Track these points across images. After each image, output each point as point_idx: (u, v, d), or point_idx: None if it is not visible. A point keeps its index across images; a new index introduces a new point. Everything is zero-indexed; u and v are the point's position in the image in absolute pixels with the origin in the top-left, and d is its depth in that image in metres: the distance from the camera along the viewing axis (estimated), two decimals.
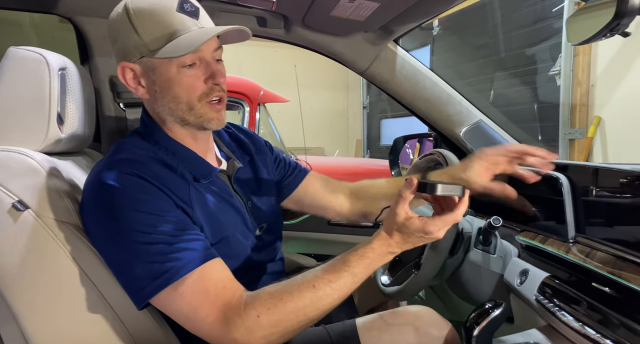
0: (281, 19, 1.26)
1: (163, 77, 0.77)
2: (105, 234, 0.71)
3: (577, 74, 3.53)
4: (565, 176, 0.96)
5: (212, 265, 0.70)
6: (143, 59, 0.77)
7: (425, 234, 0.68)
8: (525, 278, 0.91)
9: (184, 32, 0.74)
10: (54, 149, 0.84)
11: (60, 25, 1.36)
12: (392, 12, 1.14)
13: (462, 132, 1.49)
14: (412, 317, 0.89)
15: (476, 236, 1.05)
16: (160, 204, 0.71)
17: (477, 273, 1.03)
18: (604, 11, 0.69)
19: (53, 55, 0.82)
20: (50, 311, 0.73)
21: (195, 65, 0.77)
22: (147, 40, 0.74)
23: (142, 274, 0.67)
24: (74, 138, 0.88)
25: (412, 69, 1.42)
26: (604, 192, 0.89)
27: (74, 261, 0.73)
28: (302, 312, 0.67)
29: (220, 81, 0.80)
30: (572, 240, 0.91)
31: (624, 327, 0.66)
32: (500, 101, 4.22)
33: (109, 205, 0.70)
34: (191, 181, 0.80)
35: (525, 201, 0.97)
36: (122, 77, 0.79)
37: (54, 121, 0.80)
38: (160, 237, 0.68)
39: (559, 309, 0.78)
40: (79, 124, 0.88)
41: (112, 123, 1.23)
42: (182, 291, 0.67)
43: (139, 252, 0.67)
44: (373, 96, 6.81)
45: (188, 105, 0.78)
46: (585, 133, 3.53)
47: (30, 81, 0.78)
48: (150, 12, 0.74)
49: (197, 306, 0.66)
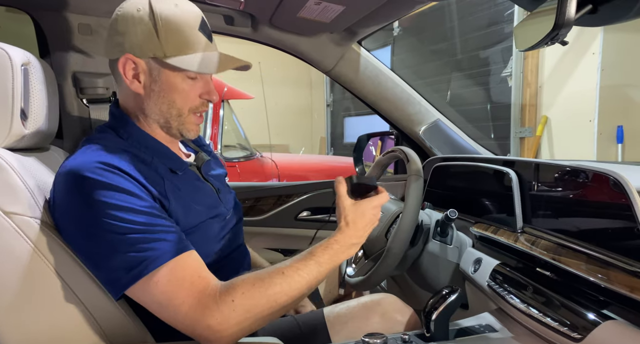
0: (248, 18, 1.27)
1: (167, 80, 0.81)
2: (79, 227, 0.71)
3: (526, 76, 3.74)
4: (514, 171, 1.04)
5: (187, 256, 0.72)
6: (153, 59, 0.80)
7: (374, 207, 0.80)
8: (478, 266, 0.97)
9: (200, 50, 0.81)
10: (18, 145, 0.82)
11: (8, 14, 1.31)
12: (357, 15, 1.18)
13: (422, 130, 1.57)
14: (377, 304, 0.94)
15: (434, 227, 1.11)
16: (135, 195, 0.72)
17: (435, 262, 1.09)
18: (545, 20, 0.76)
19: (15, 49, 0.80)
20: (20, 308, 0.72)
21: (197, 79, 0.83)
22: (166, 46, 0.79)
23: (118, 264, 0.68)
24: (37, 134, 0.86)
25: (375, 69, 1.47)
26: (548, 186, 0.97)
27: (43, 257, 0.72)
28: (272, 298, 0.70)
29: (214, 99, 0.87)
30: (520, 230, 0.97)
31: (564, 307, 0.73)
32: (457, 100, 4.39)
33: (82, 197, 0.70)
34: (165, 173, 0.81)
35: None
36: (122, 67, 0.81)
37: (17, 117, 0.78)
38: (136, 227, 0.69)
39: (508, 293, 0.84)
40: (42, 119, 0.86)
41: (75, 119, 1.20)
42: (157, 280, 0.68)
43: (114, 243, 0.68)
44: (337, 94, 6.87)
45: (178, 112, 0.83)
46: (534, 132, 3.75)
47: None
48: (176, 24, 0.79)
49: (172, 294, 0.68)
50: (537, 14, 0.82)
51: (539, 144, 3.71)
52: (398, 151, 1.13)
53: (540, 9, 0.80)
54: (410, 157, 1.05)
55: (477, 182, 1.23)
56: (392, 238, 0.99)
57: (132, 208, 0.70)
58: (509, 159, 1.12)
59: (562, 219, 0.92)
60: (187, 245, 0.73)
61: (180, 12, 0.80)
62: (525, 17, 0.88)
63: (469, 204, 1.21)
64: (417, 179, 1.00)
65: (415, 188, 0.99)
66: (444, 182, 1.38)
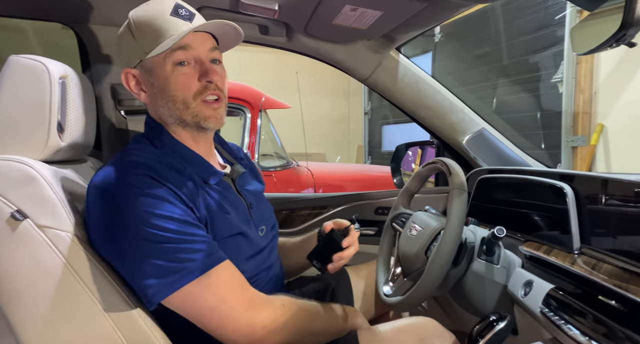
0: (283, 27, 1.26)
1: (160, 77, 0.80)
2: (114, 236, 0.71)
3: (579, 81, 3.53)
4: (569, 185, 0.95)
5: (227, 264, 0.74)
6: (142, 63, 0.80)
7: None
8: (529, 289, 0.90)
9: (175, 32, 0.77)
10: (54, 158, 0.83)
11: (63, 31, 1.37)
12: (395, 21, 1.14)
13: (465, 140, 1.49)
14: (415, 328, 0.88)
15: (479, 246, 1.03)
16: (171, 203, 0.71)
17: (480, 283, 1.02)
18: (609, 21, 0.69)
19: (54, 63, 0.82)
20: (47, 322, 0.72)
21: (189, 64, 0.79)
22: (142, 43, 0.78)
23: (156, 273, 0.68)
24: (74, 146, 0.87)
25: (414, 76, 1.41)
26: (610, 202, 0.88)
27: (72, 270, 0.72)
28: (305, 327, 0.76)
29: (214, 79, 0.81)
30: (577, 251, 0.89)
31: (631, 341, 0.65)
32: (503, 108, 4.22)
33: (119, 205, 0.70)
34: (199, 183, 0.81)
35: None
36: (126, 83, 0.83)
37: (54, 129, 0.79)
38: (173, 235, 0.68)
39: (565, 322, 0.77)
40: (79, 132, 0.88)
41: (113, 131, 1.23)
42: (210, 283, 0.70)
43: (151, 251, 0.68)
44: (374, 102, 6.81)
45: (184, 103, 0.80)
46: (588, 141, 3.52)
47: (30, 89, 0.77)
48: (146, 18, 0.78)
49: (226, 295, 0.71)
50: (599, 14, 0.75)
51: (593, 153, 3.47)
52: (439, 163, 1.06)
53: (602, 8, 0.73)
54: (453, 170, 0.99)
55: (528, 197, 1.14)
56: (433, 257, 0.93)
57: (169, 216, 0.69)
58: (565, 172, 1.03)
59: (627, 240, 0.83)
60: (222, 255, 0.74)
61: (149, 7, 0.79)
62: (583, 18, 0.80)
63: (518, 221, 1.12)
64: (460, 194, 0.93)
65: (459, 203, 0.93)
66: (490, 196, 1.30)
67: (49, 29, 2.71)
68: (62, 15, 1.14)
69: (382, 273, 1.14)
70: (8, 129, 0.77)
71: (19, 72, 0.78)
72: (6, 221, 0.71)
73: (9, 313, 0.71)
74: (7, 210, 0.71)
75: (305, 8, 1.09)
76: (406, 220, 1.16)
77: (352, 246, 0.94)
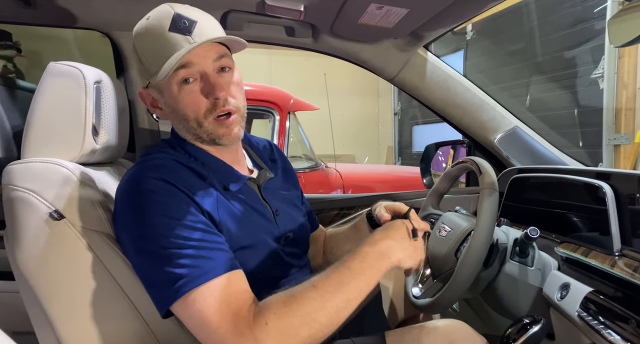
0: (309, 28, 1.26)
1: (170, 98, 0.78)
2: (131, 239, 0.72)
3: (622, 76, 3.36)
4: (608, 184, 0.90)
5: (229, 276, 0.69)
6: (151, 84, 0.80)
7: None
8: (566, 292, 0.86)
9: (179, 48, 0.73)
10: (89, 160, 0.87)
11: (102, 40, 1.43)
12: (422, 18, 1.12)
13: (497, 139, 1.44)
14: (445, 331, 0.86)
15: (512, 247, 1.00)
16: (186, 210, 0.71)
17: (513, 286, 0.98)
18: None
19: (89, 69, 0.85)
20: (83, 318, 0.75)
21: (195, 80, 0.76)
22: (148, 65, 0.77)
23: (162, 280, 0.68)
24: (108, 149, 0.90)
25: (443, 74, 1.38)
26: None
27: (106, 269, 0.75)
28: (307, 315, 0.66)
29: (220, 95, 0.76)
30: (618, 253, 0.85)
31: None
32: (538, 106, 4.07)
33: (135, 209, 0.71)
34: (221, 189, 0.80)
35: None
36: (144, 101, 0.84)
37: (89, 133, 0.83)
38: (183, 243, 0.68)
39: (605, 327, 0.73)
40: (112, 135, 0.91)
41: (145, 134, 1.27)
42: (194, 299, 0.66)
43: (161, 258, 0.68)
44: (404, 102, 6.73)
45: (197, 122, 0.78)
46: (632, 138, 3.34)
47: (67, 94, 0.81)
48: (146, 37, 0.76)
49: (209, 315, 0.65)
50: (639, 3, 0.71)
51: (638, 152, 3.30)
52: (469, 162, 1.04)
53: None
54: (483, 169, 0.96)
55: (563, 197, 1.09)
56: (463, 258, 0.90)
57: (180, 223, 0.69)
58: (601, 170, 0.99)
59: None
60: (233, 264, 0.71)
61: (149, 23, 0.76)
62: (621, 9, 0.76)
63: (553, 221, 1.07)
64: (490, 193, 0.91)
65: (489, 203, 0.90)
66: (523, 195, 1.25)
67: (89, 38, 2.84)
68: (98, 24, 1.19)
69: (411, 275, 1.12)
70: (46, 132, 0.81)
71: (57, 77, 0.82)
72: (45, 221, 0.74)
73: (49, 309, 0.75)
74: (46, 210, 0.74)
75: (331, 8, 1.09)
76: (435, 221, 1.13)
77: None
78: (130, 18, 1.15)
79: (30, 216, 0.74)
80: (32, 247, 0.74)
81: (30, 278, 0.74)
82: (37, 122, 0.81)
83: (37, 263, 0.74)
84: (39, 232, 0.74)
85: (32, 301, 0.77)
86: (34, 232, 0.74)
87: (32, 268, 0.74)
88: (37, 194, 0.75)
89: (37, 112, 0.81)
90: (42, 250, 0.74)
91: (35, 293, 0.75)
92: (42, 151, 0.80)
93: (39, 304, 0.75)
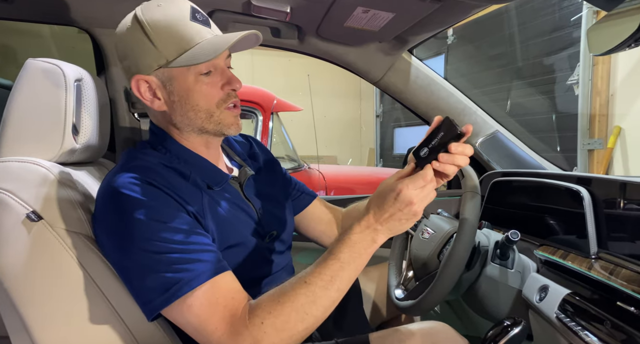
0: (295, 30, 1.26)
1: (182, 86, 0.78)
2: (115, 243, 0.71)
3: (596, 83, 3.46)
4: (586, 189, 0.93)
5: (221, 277, 0.69)
6: (160, 70, 0.77)
7: (406, 185, 0.66)
8: (545, 294, 0.88)
9: (200, 40, 0.75)
10: (69, 159, 0.84)
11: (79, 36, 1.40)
12: (407, 23, 1.13)
13: (478, 143, 1.47)
14: (427, 333, 0.86)
15: (493, 249, 1.02)
16: (172, 212, 0.70)
17: (494, 288, 1.00)
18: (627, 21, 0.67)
19: (69, 66, 0.83)
20: (61, 322, 0.73)
21: (211, 73, 0.79)
22: (165, 51, 0.75)
23: (153, 285, 0.66)
24: (88, 148, 0.88)
25: (427, 78, 1.40)
26: (628, 206, 0.86)
27: (86, 272, 0.73)
28: (302, 310, 0.66)
29: (237, 87, 0.82)
30: (595, 256, 0.87)
31: None
32: (517, 110, 4.16)
33: (119, 213, 0.69)
34: (204, 188, 0.80)
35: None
36: (137, 90, 0.79)
37: (69, 132, 0.80)
38: (171, 246, 0.67)
39: (582, 328, 0.75)
40: (93, 134, 0.89)
41: (126, 133, 1.24)
42: (191, 303, 0.66)
43: (149, 262, 0.67)
44: (386, 104, 6.78)
45: (207, 113, 0.80)
46: (605, 144, 3.45)
47: (46, 92, 0.79)
48: (165, 23, 0.75)
49: (205, 318, 0.66)
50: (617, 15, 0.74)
51: (610, 157, 3.40)
52: None
53: (620, 9, 0.71)
54: (466, 172, 0.97)
55: (543, 200, 1.12)
56: (445, 260, 0.91)
57: (168, 226, 0.68)
58: (581, 175, 1.01)
59: None
60: (223, 265, 0.71)
61: (165, 10, 0.75)
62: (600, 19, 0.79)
63: (533, 224, 1.10)
64: (473, 196, 0.92)
65: (472, 206, 0.91)
66: (504, 199, 1.28)
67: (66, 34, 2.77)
68: (79, 20, 1.16)
69: (394, 276, 1.13)
70: (24, 131, 0.79)
71: (36, 75, 0.79)
72: (22, 222, 0.72)
73: (24, 313, 0.72)
74: (23, 211, 0.72)
75: (317, 10, 1.09)
76: (418, 223, 1.14)
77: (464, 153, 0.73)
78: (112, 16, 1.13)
79: (6, 217, 0.72)
80: (8, 249, 0.72)
81: (5, 281, 0.72)
82: (14, 120, 0.78)
83: (12, 265, 0.72)
84: (16, 234, 0.71)
85: (7, 305, 0.74)
86: (10, 233, 0.72)
87: (7, 270, 0.72)
88: (13, 195, 0.72)
89: (15, 110, 0.78)
90: (19, 252, 0.72)
91: (10, 297, 0.72)
92: (19, 150, 0.78)
93: (15, 308, 0.72)
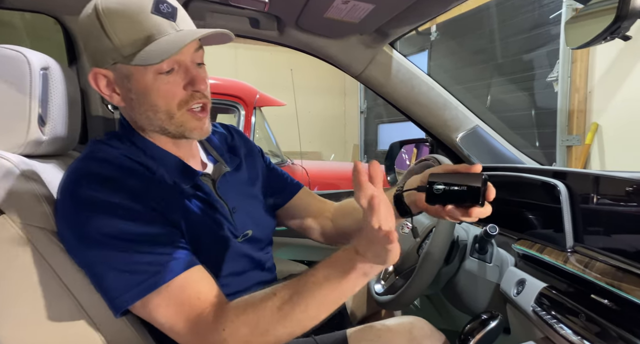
0: (274, 20, 1.24)
1: (139, 85, 0.71)
2: (79, 240, 0.68)
3: (574, 80, 3.53)
4: (563, 183, 0.94)
5: (190, 275, 0.67)
6: (117, 65, 0.71)
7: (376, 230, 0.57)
8: (522, 288, 0.88)
9: (160, 36, 0.68)
10: (35, 152, 0.81)
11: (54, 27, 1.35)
12: (387, 15, 1.12)
13: (459, 137, 1.47)
14: (405, 328, 0.86)
15: (472, 244, 1.02)
16: (136, 209, 0.67)
17: (472, 282, 1.00)
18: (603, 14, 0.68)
19: (35, 54, 0.79)
20: (25, 319, 0.70)
21: (173, 71, 0.72)
22: (120, 45, 0.68)
23: (118, 282, 0.64)
24: (56, 140, 0.84)
25: (408, 73, 1.39)
26: (603, 200, 0.87)
27: (51, 268, 0.70)
28: (264, 327, 0.63)
29: (201, 88, 0.73)
30: (571, 249, 0.88)
31: (624, 341, 0.63)
32: (498, 106, 4.21)
33: (81, 209, 0.66)
34: (171, 185, 0.76)
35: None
36: (95, 84, 0.74)
37: (34, 122, 0.77)
38: (136, 244, 0.65)
39: (557, 321, 0.76)
40: (61, 125, 0.85)
41: (100, 124, 1.20)
42: (158, 303, 0.64)
43: (113, 260, 0.65)
44: (370, 100, 6.81)
45: (167, 114, 0.73)
46: (582, 140, 3.52)
47: (9, 80, 0.75)
48: (122, 14, 0.67)
49: (171, 318, 0.65)
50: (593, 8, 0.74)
51: (588, 153, 3.47)
52: (431, 160, 1.05)
53: (596, 8, 0.72)
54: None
55: (521, 195, 1.12)
56: (424, 255, 0.91)
57: (132, 223, 0.66)
58: (558, 169, 1.02)
59: (620, 238, 0.82)
60: (192, 261, 0.69)
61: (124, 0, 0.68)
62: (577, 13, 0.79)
63: (511, 219, 1.10)
64: None
65: None
66: None
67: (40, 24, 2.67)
68: (46, 7, 1.11)
69: None
70: None
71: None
72: None
73: None
74: None
75: (297, 1, 1.07)
76: None
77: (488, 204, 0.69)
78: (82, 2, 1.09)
79: None
80: None
81: None
82: None
83: None
84: None
85: None
86: None
87: None
88: None
89: None
90: None
91: None
92: None
93: None
